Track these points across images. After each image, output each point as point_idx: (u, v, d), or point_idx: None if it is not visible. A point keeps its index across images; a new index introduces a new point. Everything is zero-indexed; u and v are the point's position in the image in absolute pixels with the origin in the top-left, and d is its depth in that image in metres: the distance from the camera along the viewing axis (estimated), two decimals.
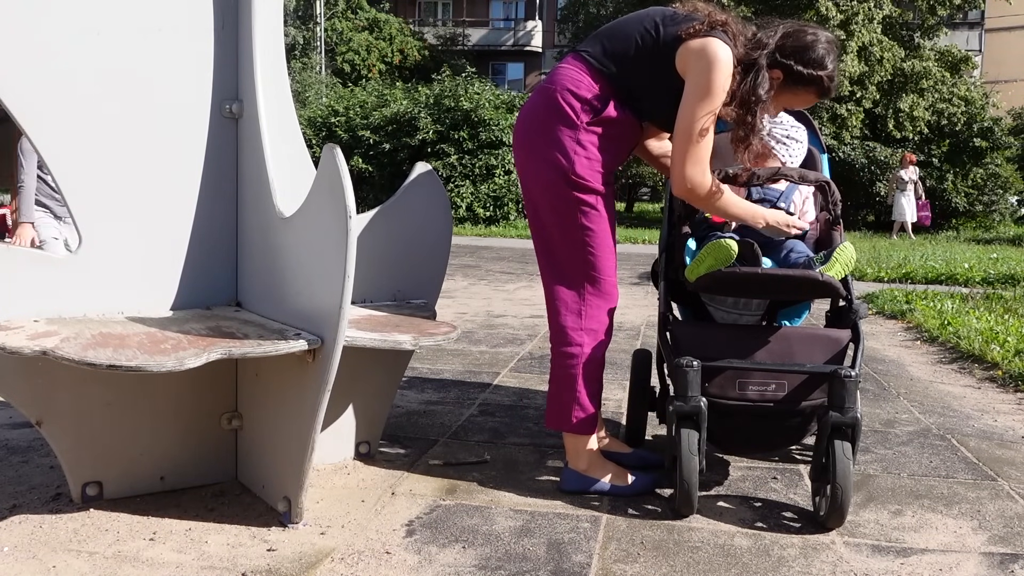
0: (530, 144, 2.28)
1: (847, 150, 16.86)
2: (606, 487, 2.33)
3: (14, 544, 1.93)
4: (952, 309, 5.70)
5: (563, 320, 2.29)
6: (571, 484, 2.35)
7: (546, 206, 2.27)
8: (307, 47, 25.94)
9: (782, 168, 2.31)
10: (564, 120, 2.22)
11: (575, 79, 2.24)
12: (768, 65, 2.21)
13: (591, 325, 2.28)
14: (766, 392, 2.18)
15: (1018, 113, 20.92)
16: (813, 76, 2.23)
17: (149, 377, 2.14)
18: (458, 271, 8.11)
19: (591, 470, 2.35)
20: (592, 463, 2.35)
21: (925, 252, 10.62)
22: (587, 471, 2.34)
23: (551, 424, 2.35)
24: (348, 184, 1.82)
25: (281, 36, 2.35)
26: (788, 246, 2.30)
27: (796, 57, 2.22)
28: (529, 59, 31.34)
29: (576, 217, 2.24)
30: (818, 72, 2.23)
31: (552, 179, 2.24)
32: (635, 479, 2.35)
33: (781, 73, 2.23)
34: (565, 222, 2.25)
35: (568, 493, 2.34)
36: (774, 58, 2.22)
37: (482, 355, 4.19)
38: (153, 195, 2.19)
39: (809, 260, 2.19)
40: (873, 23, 17.11)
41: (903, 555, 2.02)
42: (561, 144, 2.22)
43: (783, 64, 2.22)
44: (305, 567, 1.86)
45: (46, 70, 2.02)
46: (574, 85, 2.24)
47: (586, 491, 2.34)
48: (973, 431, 3.10)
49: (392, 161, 15.04)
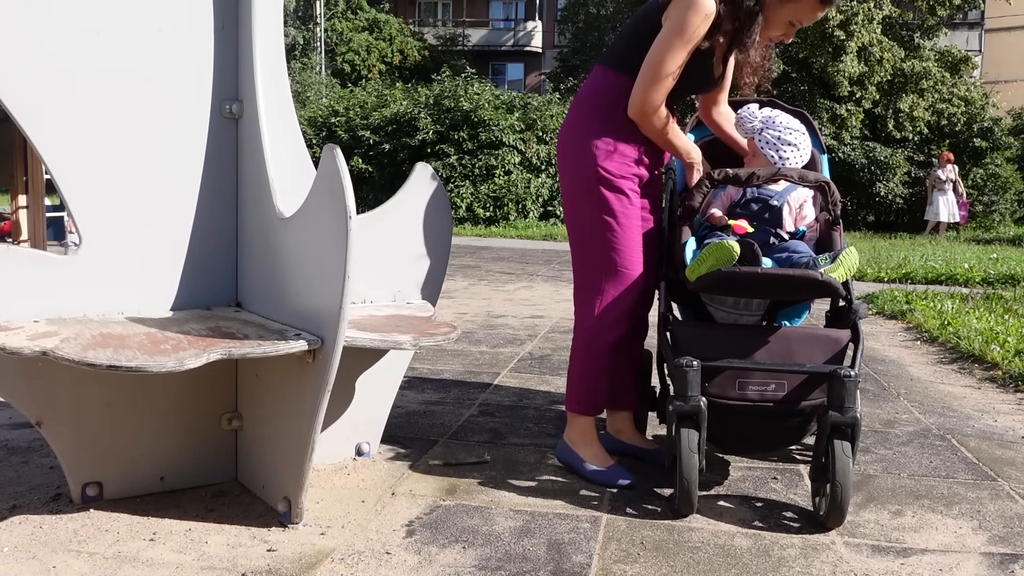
0: (562, 150, 2.47)
1: (847, 150, 16.85)
2: (584, 468, 2.45)
3: (14, 544, 1.93)
4: (952, 309, 5.70)
5: (577, 306, 2.46)
6: (560, 452, 2.56)
7: (574, 201, 2.43)
8: (307, 47, 25.94)
9: (782, 168, 2.31)
10: (585, 121, 2.40)
11: (591, 84, 2.44)
12: None
13: (602, 314, 2.39)
14: (766, 392, 2.18)
15: (1018, 113, 20.91)
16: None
17: (149, 377, 2.14)
18: (458, 271, 8.11)
19: (577, 444, 2.50)
20: (579, 438, 2.50)
21: (925, 252, 10.62)
22: (573, 443, 2.51)
23: (568, 406, 2.53)
24: (348, 184, 1.82)
25: (281, 36, 2.35)
26: (790, 247, 2.30)
27: None
28: (529, 59, 31.32)
29: (599, 210, 2.37)
30: None
31: (578, 176, 2.40)
32: (612, 469, 2.43)
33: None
34: (589, 214, 2.39)
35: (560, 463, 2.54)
36: None
37: (482, 355, 4.19)
38: (153, 195, 2.19)
39: (813, 260, 2.19)
40: (873, 23, 17.10)
41: (903, 555, 2.02)
42: (582, 146, 2.38)
43: None
44: (305, 567, 1.86)
45: (46, 70, 2.02)
46: (591, 89, 2.42)
47: (570, 465, 2.49)
48: (973, 431, 3.09)
49: (392, 161, 15.02)
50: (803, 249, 2.28)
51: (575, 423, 2.51)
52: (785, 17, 2.28)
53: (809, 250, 2.29)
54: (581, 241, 2.43)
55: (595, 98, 2.40)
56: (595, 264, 2.40)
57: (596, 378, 2.45)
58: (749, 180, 2.28)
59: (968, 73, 20.02)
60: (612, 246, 2.37)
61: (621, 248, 2.37)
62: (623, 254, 2.37)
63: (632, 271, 2.38)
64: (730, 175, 2.28)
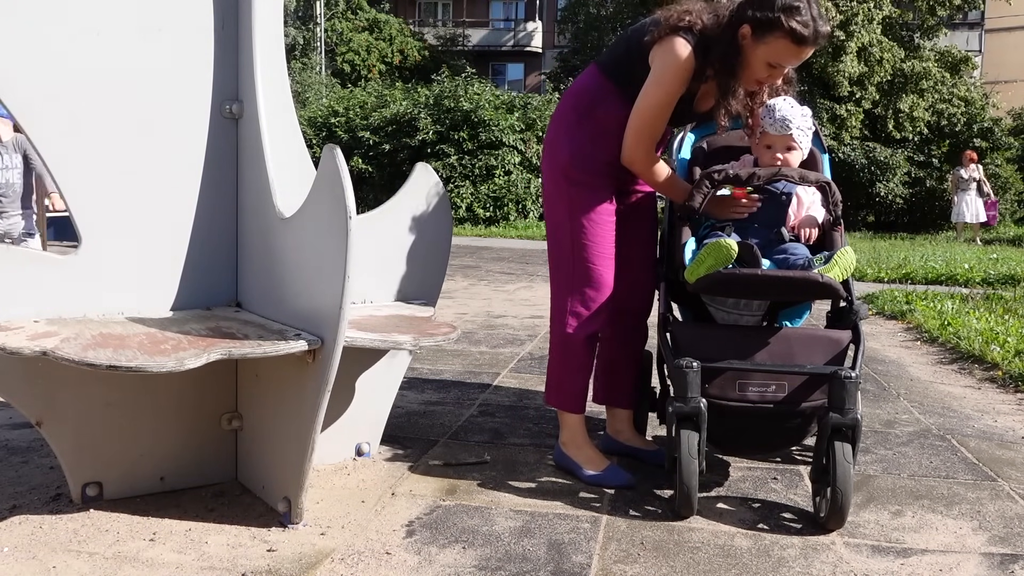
0: (544, 144, 2.53)
1: (847, 151, 16.85)
2: (583, 473, 2.44)
3: (14, 544, 1.93)
4: (952, 309, 5.70)
5: (554, 302, 2.48)
6: (556, 457, 2.56)
7: (549, 197, 2.49)
8: (307, 47, 25.92)
9: (782, 168, 2.31)
10: (565, 119, 2.45)
11: (580, 81, 2.47)
12: (735, 24, 2.21)
13: (578, 309, 2.43)
14: (766, 393, 2.18)
15: (1018, 113, 20.90)
16: (769, 18, 2.15)
17: (149, 378, 2.13)
18: (458, 271, 8.11)
19: (568, 447, 2.51)
20: (571, 441, 2.51)
21: (925, 252, 10.62)
22: (566, 447, 2.51)
23: (545, 398, 2.57)
24: (348, 184, 1.82)
25: (281, 36, 2.35)
26: (786, 248, 2.30)
27: (754, 4, 2.19)
28: (529, 60, 31.29)
29: (569, 207, 2.42)
30: (775, 14, 2.15)
31: (553, 172, 2.45)
32: (609, 470, 2.43)
33: (748, 27, 2.19)
34: (561, 211, 2.45)
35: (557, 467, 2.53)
36: (737, 15, 2.21)
37: (482, 355, 4.19)
38: (153, 195, 2.19)
39: (808, 261, 2.19)
40: (873, 24, 17.11)
41: (903, 555, 2.02)
42: (559, 141, 2.43)
43: (745, 16, 2.20)
44: (305, 567, 1.86)
45: (46, 70, 2.02)
46: (578, 86, 2.46)
47: (568, 470, 2.48)
48: (973, 431, 3.09)
49: (392, 162, 15.02)
50: (801, 251, 2.28)
51: (564, 425, 2.52)
52: (762, 58, 2.22)
53: (806, 251, 2.29)
54: (554, 237, 2.47)
55: (579, 96, 2.43)
56: (566, 260, 2.43)
57: (572, 374, 2.46)
58: (750, 180, 2.28)
59: (968, 73, 20.03)
60: (582, 244, 2.40)
61: (590, 246, 2.40)
62: (592, 252, 2.40)
63: (601, 269, 2.41)
64: (731, 175, 2.28)
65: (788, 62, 2.24)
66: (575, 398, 2.49)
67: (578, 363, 2.47)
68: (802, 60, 2.24)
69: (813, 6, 2.18)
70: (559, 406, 2.52)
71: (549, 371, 2.54)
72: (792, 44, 2.18)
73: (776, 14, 2.15)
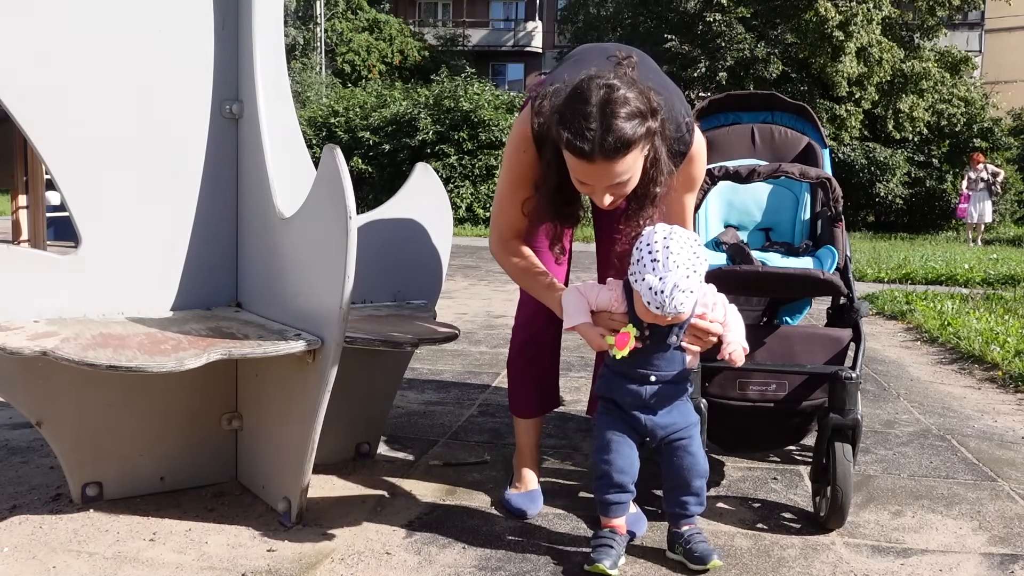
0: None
1: (847, 151, 16.85)
2: (504, 490, 2.30)
3: (14, 545, 1.92)
4: (952, 310, 5.70)
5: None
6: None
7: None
8: (307, 47, 25.93)
9: (783, 165, 2.29)
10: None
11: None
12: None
13: (517, 319, 2.43)
14: (766, 392, 2.18)
15: (1018, 114, 20.91)
16: (550, 124, 1.82)
17: (149, 378, 2.13)
18: (458, 271, 8.11)
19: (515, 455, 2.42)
20: (516, 448, 2.41)
21: (925, 252, 10.62)
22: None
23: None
24: (348, 184, 1.82)
25: (281, 36, 2.35)
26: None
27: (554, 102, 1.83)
28: (529, 60, 31.29)
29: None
30: (552, 118, 1.80)
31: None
32: (522, 495, 2.23)
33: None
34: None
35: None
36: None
37: (482, 355, 4.19)
38: (153, 195, 2.19)
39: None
40: (872, 24, 17.11)
41: (903, 555, 2.02)
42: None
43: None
44: (305, 567, 1.85)
45: (46, 70, 2.02)
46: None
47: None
48: (973, 432, 3.09)
49: (392, 162, 15.02)
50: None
51: (515, 428, 2.42)
52: (573, 172, 1.85)
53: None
54: None
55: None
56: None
57: (516, 378, 2.38)
58: (750, 177, 2.26)
59: (968, 73, 20.03)
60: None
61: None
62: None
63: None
64: (730, 171, 2.26)
65: (583, 178, 1.82)
66: (522, 405, 2.37)
67: (519, 370, 2.37)
68: (607, 176, 1.78)
69: (608, 108, 1.72)
70: (511, 410, 2.42)
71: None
72: (572, 156, 1.78)
73: (553, 121, 1.79)
